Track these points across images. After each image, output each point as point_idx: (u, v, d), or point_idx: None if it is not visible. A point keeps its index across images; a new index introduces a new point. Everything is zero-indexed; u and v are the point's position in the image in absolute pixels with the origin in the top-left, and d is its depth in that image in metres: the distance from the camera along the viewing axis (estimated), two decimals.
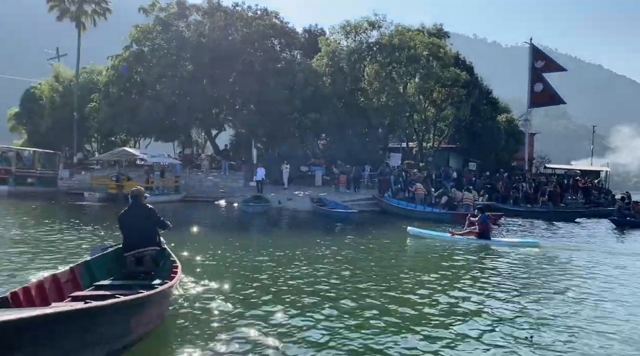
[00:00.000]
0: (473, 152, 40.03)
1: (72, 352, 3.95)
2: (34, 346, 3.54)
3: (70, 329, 3.90)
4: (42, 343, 3.64)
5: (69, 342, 3.91)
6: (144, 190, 7.66)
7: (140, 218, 7.08)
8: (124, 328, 4.68)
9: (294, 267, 9.75)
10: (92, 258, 6.90)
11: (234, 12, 34.88)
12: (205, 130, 37.36)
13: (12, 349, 3.36)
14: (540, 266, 11.02)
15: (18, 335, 3.41)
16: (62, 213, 19.24)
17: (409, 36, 33.14)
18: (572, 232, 19.23)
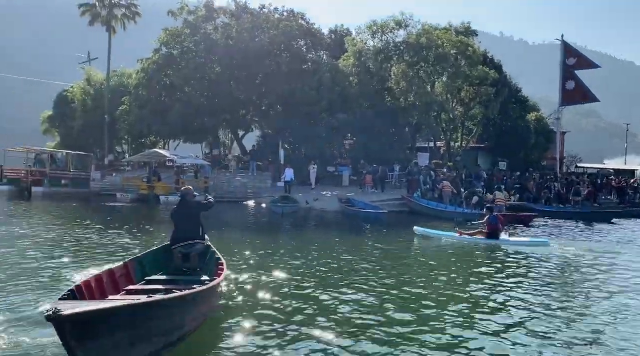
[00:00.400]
0: (502, 151, 39.45)
1: (138, 342, 4.16)
2: (110, 335, 3.82)
3: (139, 320, 4.15)
4: (116, 332, 3.89)
5: (137, 331, 4.14)
6: (192, 189, 8.18)
7: (188, 215, 7.59)
8: (180, 320, 4.87)
9: (332, 264, 9.76)
10: (144, 254, 7.37)
11: (261, 14, 35.12)
12: (232, 132, 37.68)
13: (95, 336, 3.69)
14: (585, 269, 10.76)
15: (99, 324, 3.73)
16: (97, 214, 19.62)
17: (437, 35, 32.85)
18: (612, 232, 18.74)
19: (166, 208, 23.51)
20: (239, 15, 34.46)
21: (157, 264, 7.29)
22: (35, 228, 14.19)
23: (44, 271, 8.30)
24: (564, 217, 23.77)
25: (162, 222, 19.48)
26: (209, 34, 32.70)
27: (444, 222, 20.11)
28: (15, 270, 8.36)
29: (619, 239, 16.61)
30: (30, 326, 5.39)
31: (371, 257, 11.19)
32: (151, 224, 18.39)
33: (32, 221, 16.30)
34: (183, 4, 34.87)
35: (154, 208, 23.60)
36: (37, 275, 7.99)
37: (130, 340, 4.07)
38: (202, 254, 7.60)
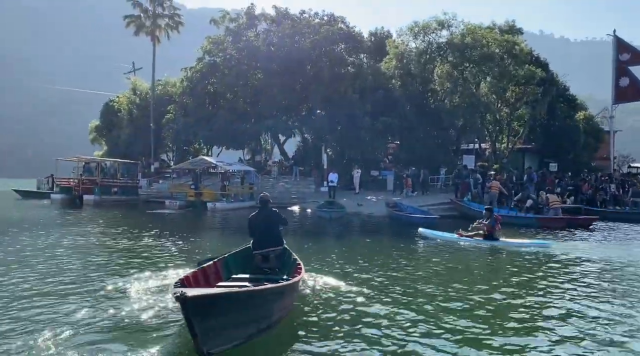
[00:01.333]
0: (549, 152, 38.20)
1: (239, 324, 4.97)
2: (219, 315, 4.64)
3: (242, 305, 4.99)
4: (225, 313, 4.72)
5: (240, 315, 4.95)
6: (269, 195, 8.78)
7: (268, 221, 8.13)
8: (269, 310, 5.52)
9: (399, 270, 9.49)
10: (229, 255, 8.07)
11: (301, 19, 35.21)
12: (273, 137, 37.80)
13: (209, 315, 4.53)
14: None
15: (213, 305, 4.60)
16: (149, 221, 19.88)
17: (481, 34, 32.11)
18: None
19: (213, 214, 23.77)
20: (279, 21, 34.65)
21: (240, 264, 8.02)
22: (93, 236, 14.42)
23: (108, 278, 8.33)
24: (622, 220, 22.70)
25: (212, 228, 19.67)
26: (251, 40, 32.92)
27: None
28: (81, 276, 8.42)
29: None
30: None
31: (429, 264, 10.84)
32: (201, 231, 18.52)
33: (89, 229, 16.59)
34: (224, 12, 35.32)
35: (202, 214, 23.79)
36: (100, 281, 8.02)
37: (234, 321, 4.87)
38: (280, 256, 8.17)
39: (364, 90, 30.07)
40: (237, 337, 4.93)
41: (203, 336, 4.48)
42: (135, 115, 40.45)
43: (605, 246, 14.65)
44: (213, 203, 25.32)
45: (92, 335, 5.46)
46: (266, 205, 8.30)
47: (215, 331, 4.60)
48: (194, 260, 9.05)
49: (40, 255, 10.87)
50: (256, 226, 8.09)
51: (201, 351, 4.49)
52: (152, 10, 39.24)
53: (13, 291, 7.42)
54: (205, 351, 4.51)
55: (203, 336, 4.48)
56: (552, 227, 18.83)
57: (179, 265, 9.64)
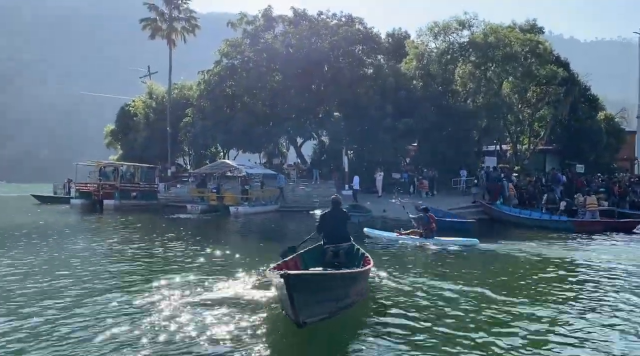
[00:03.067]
0: (571, 153, 37.49)
1: (326, 301, 5.99)
2: (313, 292, 5.70)
3: (329, 285, 6.16)
4: (317, 291, 5.81)
5: (327, 293, 6.04)
6: (340, 197, 9.76)
7: (339, 220, 9.17)
8: (347, 292, 6.55)
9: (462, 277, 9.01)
10: (305, 251, 9.01)
11: (319, 20, 34.80)
12: (290, 140, 37.36)
13: (304, 291, 5.48)
14: None
15: (308, 283, 5.73)
16: (173, 226, 19.50)
17: (504, 34, 31.53)
18: None
19: (236, 219, 23.34)
20: (297, 22, 34.25)
21: (315, 259, 8.96)
22: (123, 243, 14.04)
23: (140, 284, 7.91)
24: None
25: (237, 232, 19.23)
26: (270, 42, 32.54)
27: (528, 230, 18.97)
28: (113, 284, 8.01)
29: None
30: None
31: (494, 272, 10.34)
32: (227, 235, 18.14)
33: (113, 234, 16.26)
34: (242, 14, 34.99)
35: (225, 219, 23.39)
36: (132, 287, 7.59)
37: (322, 298, 5.91)
38: (349, 251, 9.10)
39: (384, 91, 29.56)
40: (323, 312, 5.94)
41: (300, 308, 5.47)
42: (152, 119, 40.20)
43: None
44: (235, 207, 24.92)
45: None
46: (337, 206, 9.23)
47: (308, 305, 5.61)
48: (229, 271, 9.62)
49: (86, 261, 10.54)
50: (327, 223, 9.13)
51: (298, 320, 5.51)
52: (168, 14, 38.99)
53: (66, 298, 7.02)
54: (301, 321, 5.52)
55: (300, 308, 5.47)
56: (589, 231, 18.18)
57: (217, 275, 9.34)
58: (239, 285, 8.41)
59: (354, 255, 9.09)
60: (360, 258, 8.88)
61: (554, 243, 15.41)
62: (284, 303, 5.87)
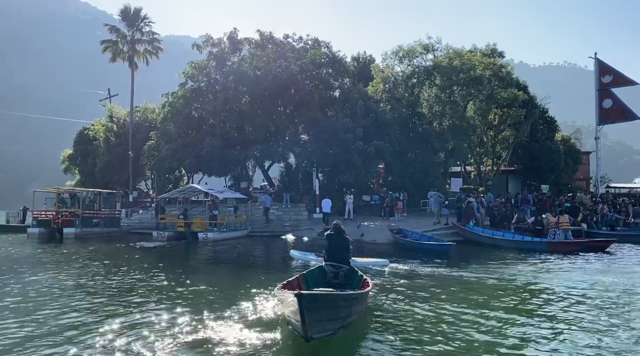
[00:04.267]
0: (532, 174, 38.49)
1: (332, 319, 6.58)
2: (321, 309, 6.30)
3: (336, 305, 6.75)
4: (325, 308, 6.42)
5: (333, 311, 6.63)
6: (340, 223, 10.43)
7: (340, 242, 9.97)
8: (350, 310, 7.13)
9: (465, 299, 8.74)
10: (307, 272, 9.87)
11: (285, 43, 34.75)
12: (258, 163, 36.82)
13: (315, 309, 6.08)
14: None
15: (319, 302, 6.32)
16: (141, 256, 18.60)
17: (468, 57, 32.30)
18: None
19: (205, 245, 22.49)
20: (264, 45, 34.08)
21: (315, 279, 9.55)
22: (87, 276, 13.14)
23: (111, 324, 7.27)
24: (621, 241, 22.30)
25: (207, 260, 18.34)
26: (238, 65, 32.19)
27: (503, 251, 19.06)
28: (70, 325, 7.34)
29: None
30: None
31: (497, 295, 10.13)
32: (197, 264, 17.30)
33: (75, 266, 15.27)
34: (207, 36, 34.55)
35: (194, 246, 22.51)
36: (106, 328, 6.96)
37: (329, 316, 6.52)
38: (348, 274, 9.77)
39: (354, 114, 29.59)
40: (330, 329, 6.57)
41: (310, 324, 6.04)
42: (113, 143, 38.92)
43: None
44: (205, 233, 24.09)
45: None
46: (339, 230, 10.06)
47: (318, 322, 6.21)
48: (203, 303, 9.47)
49: (46, 296, 9.68)
50: (330, 244, 9.99)
51: (307, 335, 6.09)
52: (130, 36, 38.15)
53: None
54: (310, 336, 6.10)
55: (310, 324, 6.04)
56: (563, 252, 18.38)
57: (191, 308, 8.90)
58: (218, 320, 8.06)
59: (352, 277, 9.74)
60: (359, 279, 9.53)
61: (525, 265, 15.41)
62: (294, 319, 6.50)
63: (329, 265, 9.80)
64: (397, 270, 14.08)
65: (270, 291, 10.09)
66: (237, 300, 9.65)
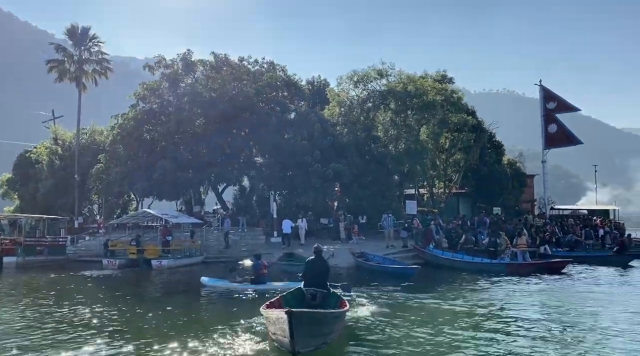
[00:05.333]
0: (482, 196, 39.58)
1: (317, 335, 7.28)
2: (309, 326, 7.09)
3: (320, 322, 7.56)
4: (313, 326, 7.22)
5: (319, 328, 7.41)
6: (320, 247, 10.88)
7: (320, 267, 10.23)
8: (332, 328, 7.90)
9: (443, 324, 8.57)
10: (287, 293, 10.20)
11: (241, 66, 34.48)
12: (212, 186, 35.94)
13: (303, 325, 6.81)
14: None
15: (307, 319, 7.11)
16: (92, 285, 17.53)
17: (421, 83, 33.06)
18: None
19: (159, 273, 21.45)
20: (219, 67, 33.67)
21: (294, 301, 9.67)
22: (24, 308, 12.17)
23: None
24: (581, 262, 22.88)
25: (165, 289, 17.43)
26: (193, 86, 31.57)
27: (463, 273, 19.23)
28: None
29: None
30: None
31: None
32: (152, 293, 16.44)
33: (17, 299, 14.16)
34: (160, 57, 33.77)
35: (148, 274, 21.46)
36: None
37: (314, 332, 7.17)
38: (325, 297, 10.01)
39: (312, 137, 29.51)
40: (314, 344, 7.22)
41: (297, 340, 6.70)
42: (57, 166, 37.02)
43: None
44: (159, 260, 23.06)
45: None
46: (320, 255, 10.42)
47: (304, 338, 6.84)
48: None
49: None
50: (311, 269, 10.22)
51: (294, 350, 6.77)
52: (77, 56, 36.77)
53: None
54: (297, 351, 6.77)
55: (297, 340, 6.70)
56: (521, 273, 18.71)
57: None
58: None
59: (330, 299, 10.11)
60: (337, 300, 10.00)
61: (486, 288, 15.61)
62: (281, 336, 7.14)
63: (308, 289, 10.00)
64: (360, 293, 13.78)
65: (235, 322, 10.06)
66: (206, 331, 9.14)
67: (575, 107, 33.47)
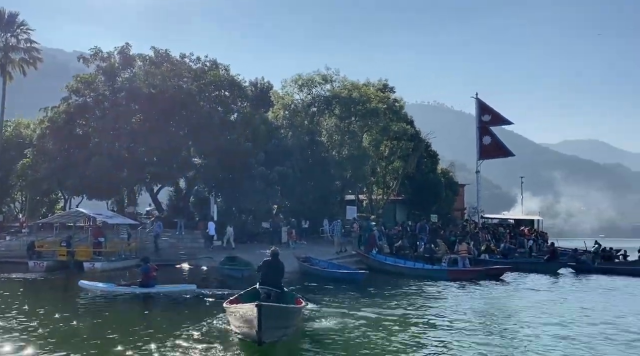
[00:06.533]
0: (417, 204, 40.62)
1: (280, 327, 8.17)
2: (274, 319, 7.90)
3: (283, 315, 8.54)
4: (275, 318, 7.99)
5: (280, 321, 8.25)
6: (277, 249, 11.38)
7: (276, 268, 10.70)
8: (292, 322, 8.92)
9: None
10: (244, 292, 10.93)
11: (182, 63, 33.42)
12: (147, 186, 34.48)
13: (269, 317, 7.63)
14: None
15: (273, 312, 7.96)
16: (20, 290, 16.21)
17: (364, 90, 33.51)
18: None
19: (92, 275, 20.13)
20: (159, 63, 32.43)
21: (251, 300, 9.69)
22: None
23: None
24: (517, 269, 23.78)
25: (97, 294, 16.34)
26: (130, 81, 30.17)
27: (406, 279, 19.52)
28: None
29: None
30: None
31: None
32: (84, 299, 15.38)
33: None
34: (96, 49, 32.06)
35: (78, 277, 20.07)
36: None
37: (277, 325, 7.99)
38: (279, 296, 10.35)
39: (256, 138, 29.05)
40: (277, 335, 8.06)
41: (264, 331, 7.50)
42: None
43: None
44: (91, 263, 21.74)
45: None
46: (276, 257, 10.77)
47: (269, 329, 7.63)
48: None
49: None
50: (266, 268, 10.62)
51: (260, 339, 7.57)
52: (3, 42, 34.22)
53: None
54: (261, 340, 7.56)
55: (264, 331, 7.50)
56: (462, 279, 19.24)
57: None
58: None
59: (285, 297, 10.48)
60: (291, 298, 10.61)
61: (427, 292, 15.97)
62: (246, 328, 8.05)
63: (263, 288, 10.42)
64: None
65: (185, 325, 9.98)
66: (160, 338, 8.74)
67: (509, 120, 35.07)
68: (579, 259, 25.03)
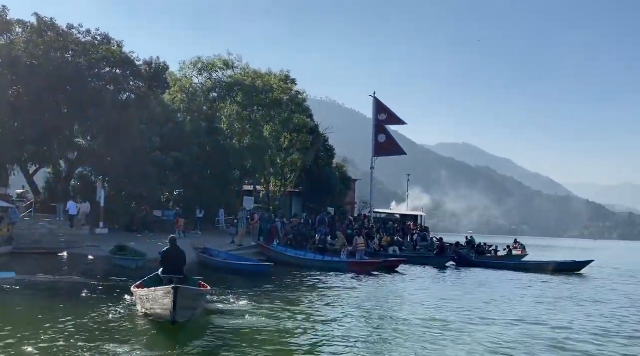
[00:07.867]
0: (312, 196, 41.10)
1: (190, 308, 8.82)
2: (186, 299, 8.48)
3: (194, 298, 9.19)
4: (189, 300, 8.70)
5: (192, 302, 8.96)
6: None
7: (177, 255, 11.16)
8: (200, 304, 9.69)
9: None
10: (147, 278, 11.27)
11: (69, 34, 30.44)
12: (22, 167, 31.04)
13: (182, 298, 8.29)
14: None
15: (186, 294, 8.54)
16: None
17: (268, 79, 33.00)
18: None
19: None
20: (42, 32, 29.23)
21: (154, 285, 10.22)
22: None
23: None
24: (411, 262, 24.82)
25: None
26: (9, 48, 26.85)
27: (308, 271, 19.55)
28: None
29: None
30: None
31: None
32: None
33: None
34: None
35: None
36: None
37: (188, 306, 8.65)
38: (182, 281, 10.42)
39: (151, 121, 27.32)
40: (187, 316, 8.64)
41: (178, 311, 8.14)
42: None
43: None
44: None
45: None
46: (175, 244, 11.29)
47: (182, 309, 8.27)
48: None
49: None
50: (168, 258, 11.09)
51: (174, 319, 8.22)
52: None
53: None
54: (175, 319, 8.21)
55: (178, 311, 8.14)
56: (361, 271, 19.66)
57: None
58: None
59: (188, 283, 10.57)
60: (194, 283, 11.04)
61: (330, 283, 16.20)
62: (159, 309, 8.62)
63: (165, 276, 10.79)
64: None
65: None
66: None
67: (403, 120, 36.55)
68: (459, 253, 26.94)
